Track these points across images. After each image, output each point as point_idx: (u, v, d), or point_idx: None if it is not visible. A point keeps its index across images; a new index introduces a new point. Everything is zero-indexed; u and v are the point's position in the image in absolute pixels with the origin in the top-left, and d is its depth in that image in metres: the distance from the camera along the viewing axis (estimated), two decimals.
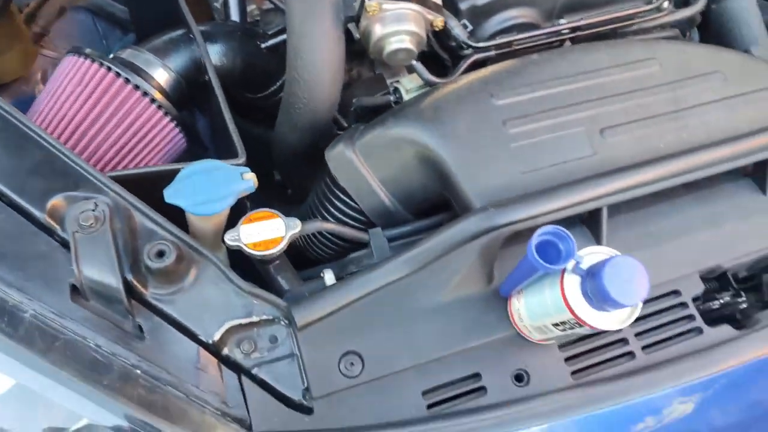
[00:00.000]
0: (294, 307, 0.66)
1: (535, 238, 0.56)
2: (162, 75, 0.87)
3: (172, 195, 0.69)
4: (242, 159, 0.75)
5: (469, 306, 0.70)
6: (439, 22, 0.81)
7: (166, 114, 0.85)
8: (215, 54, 0.92)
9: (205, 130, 1.11)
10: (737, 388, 0.74)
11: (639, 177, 0.74)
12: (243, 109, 1.08)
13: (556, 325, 0.61)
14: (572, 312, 0.57)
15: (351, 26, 0.84)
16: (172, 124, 0.86)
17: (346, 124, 0.94)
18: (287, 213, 0.75)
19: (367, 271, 0.69)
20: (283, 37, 0.97)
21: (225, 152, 0.96)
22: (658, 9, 0.95)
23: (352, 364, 0.67)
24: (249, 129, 1.08)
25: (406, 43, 0.79)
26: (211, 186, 0.70)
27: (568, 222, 0.76)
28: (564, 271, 0.58)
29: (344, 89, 0.96)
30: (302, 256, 0.90)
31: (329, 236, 0.84)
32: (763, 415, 0.77)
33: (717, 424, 0.74)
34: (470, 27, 0.86)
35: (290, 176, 0.98)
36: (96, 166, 0.82)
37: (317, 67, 0.79)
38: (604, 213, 0.73)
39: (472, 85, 0.79)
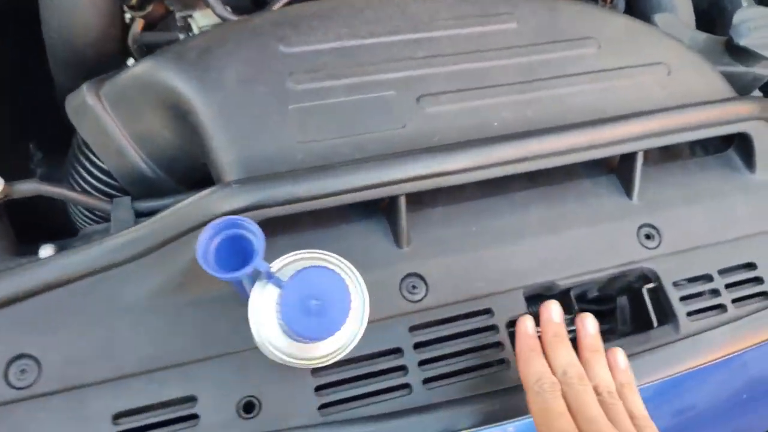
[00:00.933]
0: None
1: (208, 231, 0.40)
2: None
3: None
4: None
5: (200, 309, 0.54)
6: None
7: None
8: None
9: None
10: None
11: (451, 162, 0.57)
12: None
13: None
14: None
15: None
16: None
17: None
18: None
19: (67, 255, 0.53)
20: None
21: None
22: None
23: (23, 371, 0.51)
24: None
25: None
26: None
27: (365, 211, 0.60)
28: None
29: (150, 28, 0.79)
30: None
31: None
32: None
33: None
34: None
35: None
36: None
37: None
38: (402, 204, 0.57)
39: (258, 26, 0.61)
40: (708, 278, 0.63)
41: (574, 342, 0.55)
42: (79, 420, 0.50)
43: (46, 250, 0.58)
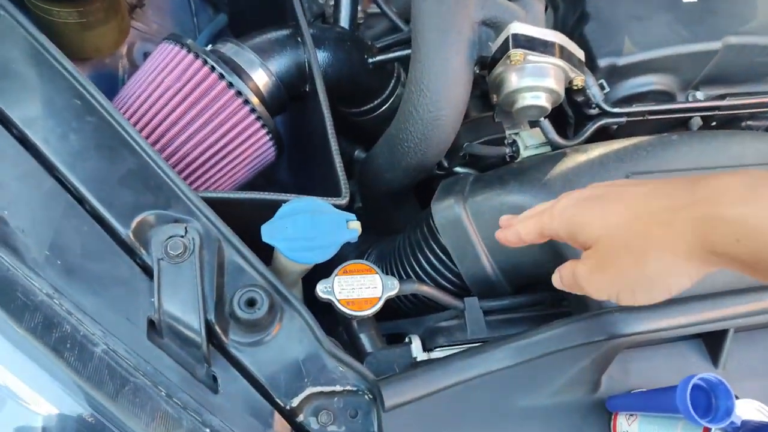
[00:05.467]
0: (384, 385, 0.60)
1: (688, 386, 0.49)
2: (261, 78, 0.79)
3: (270, 234, 0.62)
4: (345, 200, 0.68)
5: (569, 413, 0.63)
6: (579, 80, 0.73)
7: (258, 119, 0.77)
8: (320, 62, 0.83)
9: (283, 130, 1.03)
10: None
11: None
12: None
13: None
14: None
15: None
16: (265, 133, 0.79)
17: (447, 165, 0.86)
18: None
19: (466, 356, 0.62)
20: (393, 55, 0.89)
21: (311, 169, 0.89)
22: None
23: None
24: None
25: (542, 100, 0.71)
26: (313, 231, 0.62)
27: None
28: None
29: None
30: None
31: None
32: None
33: None
34: (607, 88, 0.78)
35: (372, 203, 0.91)
36: (178, 164, 0.75)
37: (440, 107, 0.71)
38: (730, 335, 0.66)
39: (605, 161, 0.71)
40: None
41: None
42: None
43: (416, 344, 0.68)
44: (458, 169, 0.85)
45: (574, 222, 0.49)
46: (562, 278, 0.54)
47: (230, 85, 0.75)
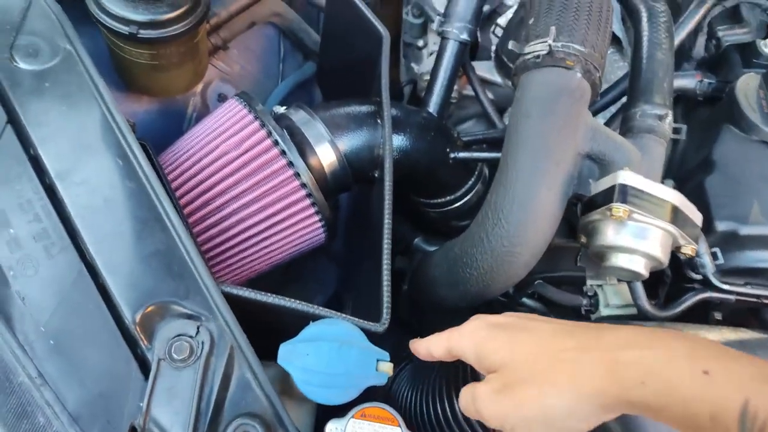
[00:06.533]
0: None
1: None
2: (328, 155, 0.72)
3: (287, 358, 0.54)
4: (382, 327, 0.59)
5: None
6: (690, 249, 0.61)
7: (313, 204, 0.70)
8: (396, 147, 0.75)
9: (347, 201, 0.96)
10: None
11: None
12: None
13: None
14: None
15: None
16: (317, 219, 0.71)
17: (512, 293, 0.76)
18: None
19: None
20: (479, 155, 0.79)
21: (363, 252, 0.81)
22: None
23: None
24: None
25: (639, 265, 0.59)
26: (336, 366, 0.54)
27: None
28: None
29: None
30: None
31: None
32: None
33: None
34: (721, 260, 0.66)
35: (418, 311, 0.82)
36: (216, 238, 0.69)
37: (517, 243, 0.61)
38: None
39: None
40: None
41: None
42: None
43: None
44: (525, 300, 0.75)
45: (482, 345, 0.50)
46: (460, 400, 0.52)
47: (290, 164, 0.68)
